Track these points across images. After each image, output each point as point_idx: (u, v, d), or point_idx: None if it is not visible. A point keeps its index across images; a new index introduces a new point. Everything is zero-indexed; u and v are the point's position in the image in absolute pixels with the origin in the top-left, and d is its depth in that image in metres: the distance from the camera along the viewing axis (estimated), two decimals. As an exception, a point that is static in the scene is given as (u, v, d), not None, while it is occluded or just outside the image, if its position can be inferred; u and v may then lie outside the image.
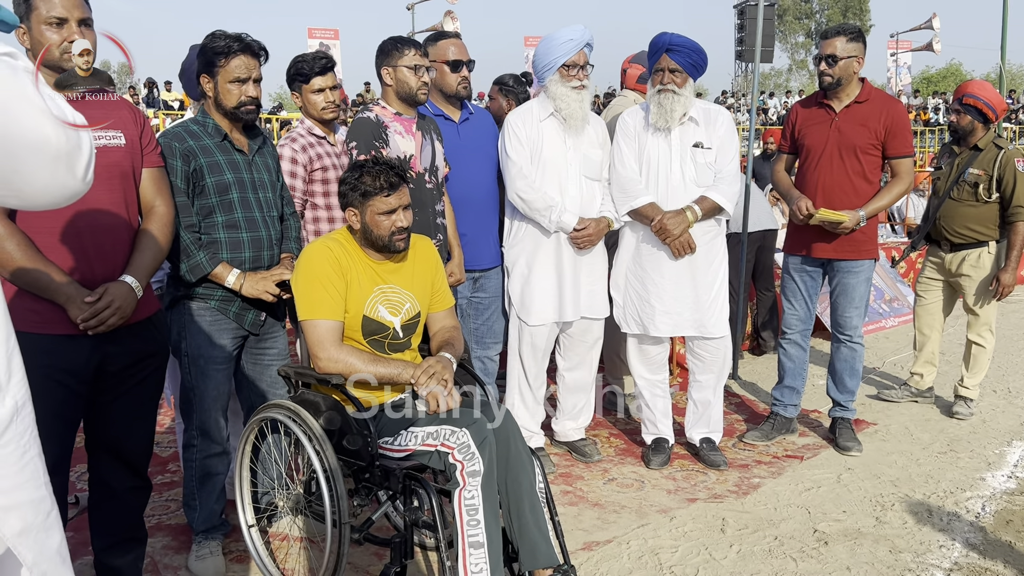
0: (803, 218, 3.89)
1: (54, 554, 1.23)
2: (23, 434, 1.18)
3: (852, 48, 3.83)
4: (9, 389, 1.17)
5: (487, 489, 2.39)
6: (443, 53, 3.63)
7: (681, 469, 3.88)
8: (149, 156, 2.56)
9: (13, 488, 1.16)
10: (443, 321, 2.94)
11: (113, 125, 2.44)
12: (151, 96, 21.30)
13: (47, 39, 2.26)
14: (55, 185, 1.10)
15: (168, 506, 3.45)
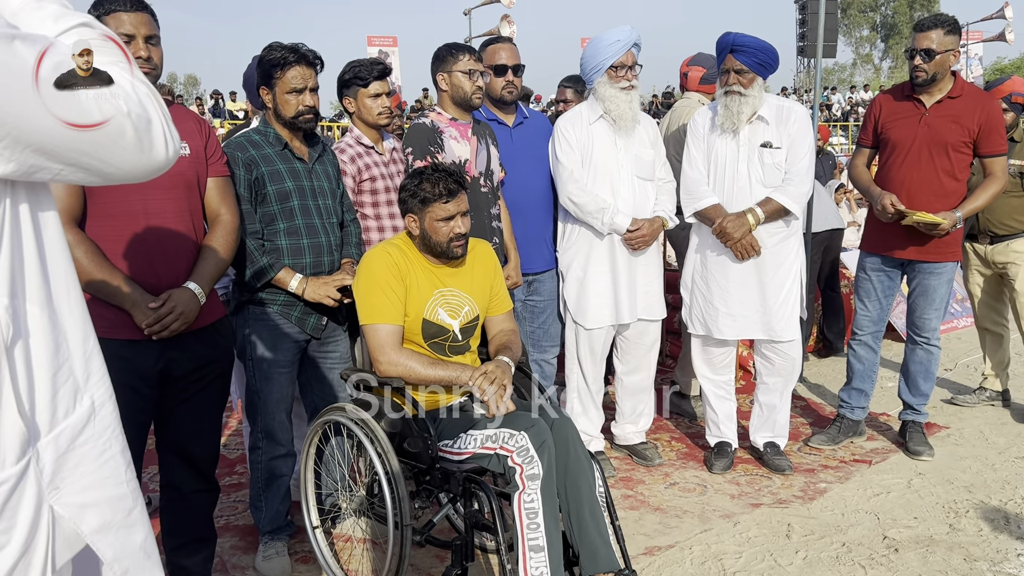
0: (891, 215, 3.76)
1: (137, 550, 1.25)
2: (102, 433, 1.20)
3: (949, 41, 3.68)
4: (87, 388, 1.19)
5: (547, 493, 2.39)
6: (491, 58, 3.66)
7: (745, 474, 3.81)
8: (214, 166, 2.63)
9: (91, 486, 1.18)
10: (501, 324, 2.95)
11: (179, 136, 2.51)
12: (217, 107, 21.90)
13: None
14: (142, 162, 1.13)
15: (236, 507, 3.53)
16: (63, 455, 1.14)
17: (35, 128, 1.01)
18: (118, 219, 2.37)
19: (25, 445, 1.09)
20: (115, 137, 1.08)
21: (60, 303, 1.16)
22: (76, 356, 1.18)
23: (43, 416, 1.12)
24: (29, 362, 1.11)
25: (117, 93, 1.08)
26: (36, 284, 1.12)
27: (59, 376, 1.14)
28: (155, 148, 1.14)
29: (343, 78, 3.36)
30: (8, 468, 1.07)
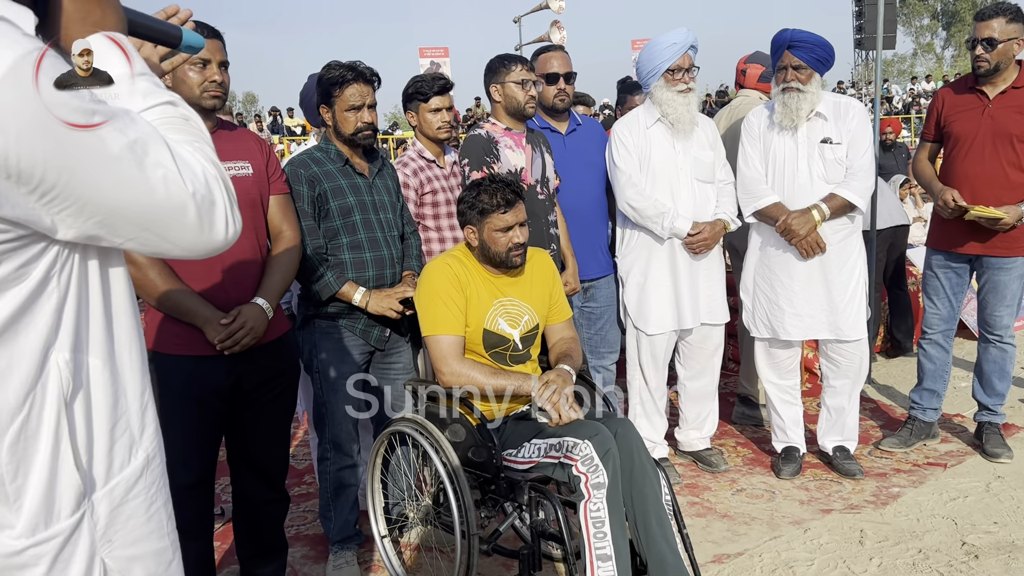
0: (952, 211, 3.66)
1: None
2: (151, 486, 1.22)
3: (1012, 30, 3.57)
4: (142, 442, 1.21)
5: (612, 501, 2.38)
6: (542, 66, 3.68)
7: (814, 479, 3.73)
8: (275, 184, 2.70)
9: (139, 539, 1.20)
10: (561, 332, 2.95)
11: (241, 156, 2.59)
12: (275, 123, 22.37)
13: (190, 79, 2.43)
14: (197, 241, 1.14)
15: (305, 517, 3.59)
16: (116, 508, 1.16)
17: (104, 201, 1.02)
18: None
19: (80, 498, 1.11)
20: (177, 214, 1.09)
21: (122, 357, 1.18)
22: (133, 410, 1.20)
23: (100, 469, 1.14)
24: (89, 415, 1.12)
25: (193, 167, 1.11)
26: (100, 338, 1.14)
27: (117, 429, 1.16)
28: (215, 229, 1.14)
29: (406, 93, 3.45)
30: (63, 520, 1.09)
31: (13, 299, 1.02)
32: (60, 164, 0.97)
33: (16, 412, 1.04)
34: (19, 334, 1.04)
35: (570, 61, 3.74)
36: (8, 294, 1.02)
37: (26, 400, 1.04)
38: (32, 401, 1.05)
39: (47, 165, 0.96)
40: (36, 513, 1.06)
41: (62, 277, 1.07)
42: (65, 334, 1.08)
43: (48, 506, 1.07)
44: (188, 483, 2.48)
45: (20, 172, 0.94)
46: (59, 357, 1.07)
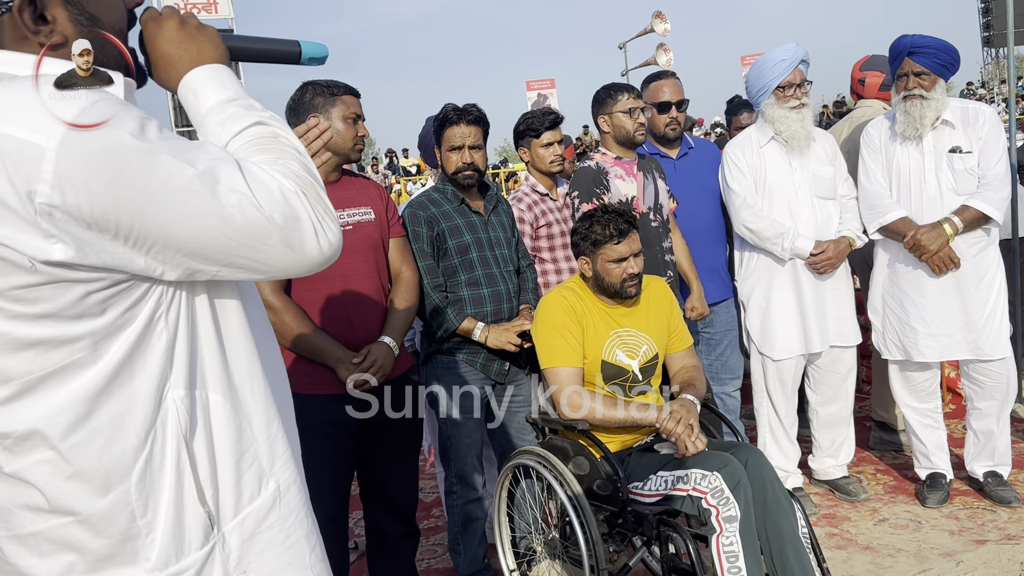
0: None
1: None
2: (288, 516, 1.22)
3: None
4: (272, 473, 1.22)
5: (746, 534, 2.31)
6: (653, 94, 3.68)
7: (964, 507, 3.49)
8: (394, 227, 2.83)
9: (277, 570, 1.20)
10: (683, 361, 2.90)
11: (364, 202, 2.72)
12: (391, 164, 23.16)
13: (346, 132, 2.64)
14: (291, 260, 1.12)
15: (435, 550, 3.65)
16: (249, 539, 1.17)
17: (182, 235, 1.04)
18: (320, 283, 2.58)
19: (208, 530, 1.13)
20: (261, 238, 1.08)
21: (243, 390, 1.19)
22: (260, 441, 1.21)
23: (228, 501, 1.16)
24: (212, 449, 1.14)
25: (269, 187, 1.09)
26: (217, 373, 1.16)
27: (243, 462, 1.18)
28: (306, 245, 1.11)
29: (517, 130, 3.54)
30: (193, 553, 1.11)
31: (123, 344, 1.06)
32: (131, 208, 0.99)
33: (139, 450, 1.08)
34: (134, 376, 1.07)
35: (682, 88, 3.72)
36: (118, 340, 1.05)
37: (147, 438, 1.08)
38: (153, 439, 1.09)
39: (119, 210, 0.99)
40: (167, 547, 1.09)
41: (169, 317, 1.10)
42: (179, 372, 1.11)
43: (178, 539, 1.10)
44: (324, 518, 2.56)
45: (95, 220, 0.98)
46: (175, 395, 1.10)
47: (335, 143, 2.60)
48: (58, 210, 0.95)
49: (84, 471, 1.04)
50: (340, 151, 2.64)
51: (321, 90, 2.67)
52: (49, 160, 0.94)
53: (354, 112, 2.67)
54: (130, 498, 1.07)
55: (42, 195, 0.95)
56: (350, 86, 2.70)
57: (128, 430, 1.06)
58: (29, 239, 0.96)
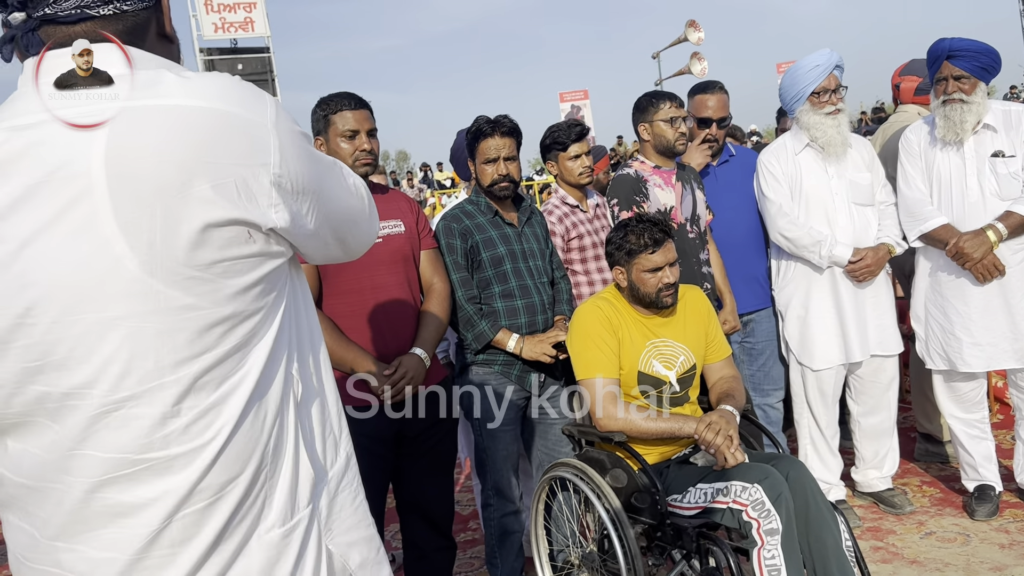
0: None
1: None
2: (353, 480, 1.34)
3: None
4: (342, 442, 1.34)
5: (788, 548, 2.26)
6: (698, 108, 3.67)
7: (1014, 520, 3.39)
8: (425, 239, 2.83)
9: (352, 527, 1.31)
10: (721, 371, 2.86)
11: (394, 215, 2.73)
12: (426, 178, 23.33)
13: (342, 150, 2.60)
14: (370, 235, 1.40)
15: (472, 563, 3.64)
16: (332, 500, 1.28)
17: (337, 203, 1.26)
18: (350, 296, 2.60)
19: (313, 489, 1.23)
20: (364, 213, 1.35)
21: (322, 368, 1.31)
22: (333, 413, 1.33)
23: (318, 465, 1.26)
24: (310, 419, 1.26)
25: (356, 179, 1.36)
26: (308, 351, 1.28)
27: (325, 430, 1.29)
28: (374, 223, 1.41)
29: (544, 143, 3.49)
30: (301, 510, 1.21)
31: (277, 318, 1.18)
32: (319, 180, 1.20)
33: (275, 418, 1.18)
34: (278, 351, 1.18)
35: (727, 103, 3.69)
36: (276, 315, 1.17)
37: (280, 406, 1.19)
38: (282, 407, 1.19)
39: (312, 180, 1.18)
40: (285, 504, 1.19)
41: (287, 298, 1.22)
42: (295, 348, 1.23)
43: (292, 497, 1.20)
44: None
45: (303, 188, 1.16)
46: (294, 368, 1.22)
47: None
48: (284, 178, 1.11)
49: (246, 441, 1.13)
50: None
51: (321, 109, 2.67)
52: (273, 135, 1.10)
53: (351, 128, 2.62)
54: (266, 461, 1.16)
55: (274, 165, 1.10)
56: (351, 98, 2.65)
57: (270, 400, 1.17)
58: (258, 208, 1.09)
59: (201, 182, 1.03)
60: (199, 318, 1.07)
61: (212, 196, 1.04)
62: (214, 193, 1.04)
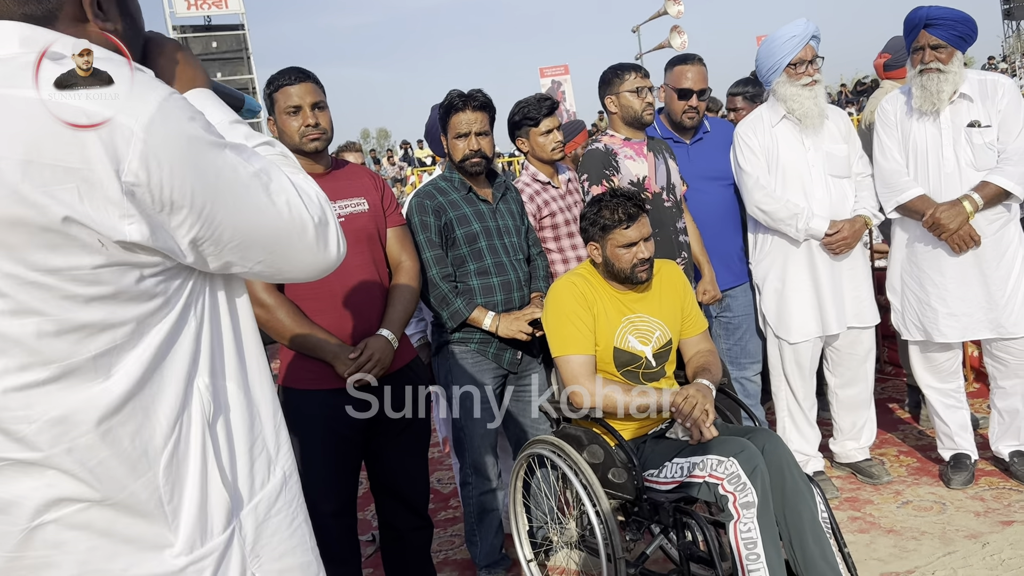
0: None
1: None
2: (291, 502, 1.28)
3: None
4: (278, 460, 1.27)
5: (764, 521, 2.27)
6: (676, 79, 3.61)
7: (990, 488, 3.43)
8: (392, 216, 2.76)
9: (285, 553, 1.25)
10: (697, 345, 2.85)
11: (356, 192, 2.66)
12: (407, 155, 23.16)
13: (289, 127, 2.54)
14: (315, 261, 1.22)
15: (452, 541, 3.63)
16: (261, 524, 1.22)
17: (240, 224, 1.12)
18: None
19: (230, 514, 1.17)
20: (299, 235, 1.17)
21: (253, 381, 1.25)
22: (268, 429, 1.26)
23: (244, 487, 1.20)
24: (230, 436, 1.19)
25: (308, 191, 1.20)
26: (233, 363, 1.21)
27: (255, 449, 1.23)
28: (329, 247, 1.22)
29: (513, 120, 3.43)
30: (216, 537, 1.15)
31: (161, 331, 1.10)
32: (204, 193, 1.06)
33: (168, 435, 1.11)
34: (167, 363, 1.11)
35: (706, 75, 3.64)
36: (157, 327, 1.09)
37: (176, 423, 1.12)
38: (181, 424, 1.12)
39: (194, 194, 1.05)
40: (192, 531, 1.12)
41: (198, 307, 1.15)
42: (204, 360, 1.16)
43: (202, 523, 1.14)
44: (331, 512, 2.56)
45: (172, 201, 1.04)
46: (200, 382, 1.15)
47: (284, 143, 2.53)
48: (141, 188, 1.01)
49: (115, 456, 1.07)
50: (292, 147, 2.51)
51: (267, 89, 2.60)
52: (138, 139, 1.00)
53: (293, 104, 2.53)
54: (158, 483, 1.10)
55: (129, 172, 1.00)
56: (291, 72, 2.57)
57: (159, 416, 1.10)
58: (107, 218, 1.00)
59: (39, 183, 0.97)
60: (44, 324, 1.01)
61: (52, 200, 0.97)
62: (53, 198, 0.97)
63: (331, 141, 2.66)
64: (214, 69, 14.99)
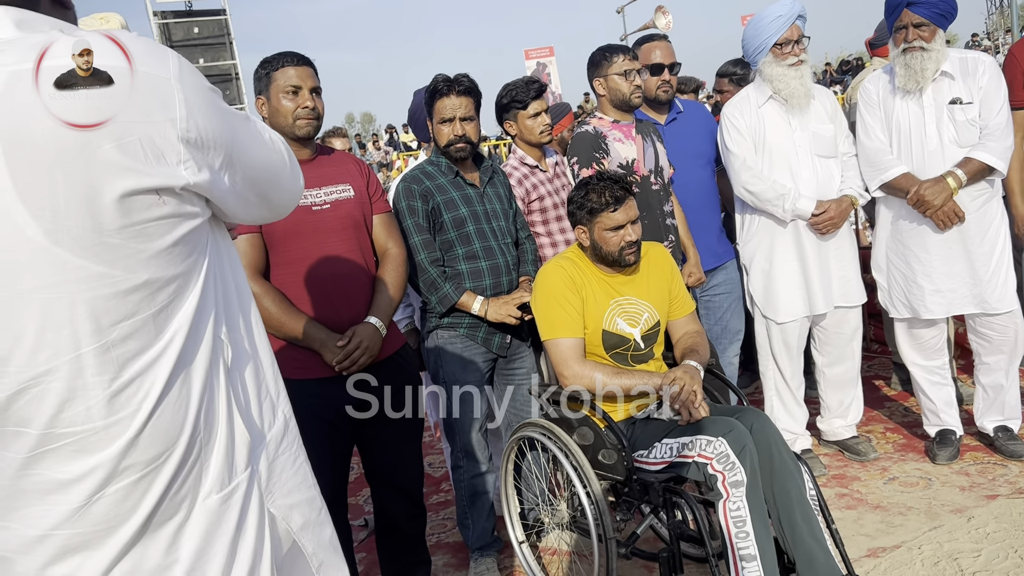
0: None
1: (327, 544, 1.39)
2: (293, 443, 1.35)
3: None
4: (280, 404, 1.35)
5: (753, 499, 2.29)
6: (646, 57, 3.61)
7: (975, 463, 3.48)
8: (377, 203, 2.74)
9: (293, 489, 1.32)
10: (685, 327, 2.87)
11: (342, 179, 2.65)
12: (392, 140, 23.04)
13: (284, 107, 2.52)
14: (293, 192, 1.38)
15: (445, 525, 3.65)
16: (272, 462, 1.29)
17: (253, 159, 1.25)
18: (297, 265, 2.52)
19: (251, 452, 1.24)
20: (284, 167, 1.33)
21: (253, 331, 1.32)
22: (269, 376, 1.33)
23: (255, 429, 1.27)
24: (244, 381, 1.27)
25: (274, 134, 1.33)
26: (236, 314, 1.28)
27: (260, 393, 1.30)
28: (298, 178, 1.38)
29: (501, 103, 3.41)
30: (240, 474, 1.22)
31: (199, 285, 1.16)
32: (228, 132, 1.16)
33: (203, 386, 1.17)
34: (202, 316, 1.17)
35: (673, 51, 3.65)
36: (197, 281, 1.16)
37: (207, 373, 1.18)
38: (210, 373, 1.19)
39: (223, 134, 1.15)
40: (222, 468, 1.19)
41: (210, 262, 1.21)
42: (220, 312, 1.22)
43: (230, 462, 1.21)
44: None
45: (213, 142, 1.13)
46: (219, 331, 1.21)
47: (277, 122, 2.52)
48: (192, 133, 1.09)
49: (177, 410, 1.13)
50: (283, 129, 2.50)
51: (263, 68, 2.57)
52: (178, 90, 1.08)
53: (293, 84, 2.51)
54: (199, 429, 1.16)
55: (181, 119, 1.07)
56: (293, 55, 2.55)
57: (198, 367, 1.16)
58: (164, 167, 1.06)
59: (103, 143, 1.00)
60: (113, 286, 1.04)
61: (117, 157, 1.01)
62: (119, 153, 1.01)
63: (320, 129, 2.65)
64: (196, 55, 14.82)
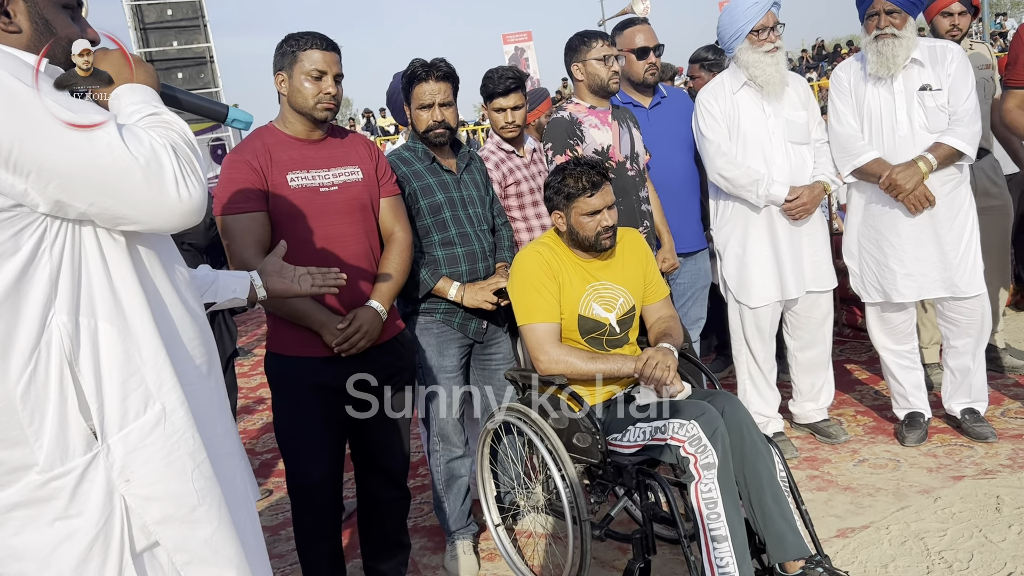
0: None
1: (201, 545, 1.41)
2: (172, 435, 1.38)
3: None
4: (158, 396, 1.37)
5: (724, 481, 2.33)
6: (629, 41, 3.61)
7: (942, 444, 3.55)
8: (386, 186, 2.73)
9: (156, 481, 1.36)
10: (659, 311, 2.90)
11: (351, 161, 2.63)
12: (369, 124, 22.89)
13: (305, 90, 2.50)
14: (153, 204, 1.30)
15: (422, 508, 3.67)
16: (133, 451, 1.33)
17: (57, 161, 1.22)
18: (304, 245, 2.50)
19: (90, 440, 1.30)
20: (123, 176, 1.26)
21: (132, 320, 1.35)
22: (148, 366, 1.36)
23: (113, 416, 1.32)
24: (99, 370, 1.31)
25: (140, 137, 1.29)
26: (106, 303, 1.32)
27: (129, 383, 1.34)
28: (166, 190, 1.30)
29: (483, 88, 3.42)
30: (76, 458, 1.29)
31: (11, 269, 1.22)
32: (12, 133, 1.17)
33: (23, 367, 1.25)
34: (19, 302, 1.24)
35: (655, 34, 3.66)
36: (6, 265, 1.22)
37: (31, 357, 1.25)
38: (37, 357, 1.26)
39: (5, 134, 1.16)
40: (52, 452, 1.27)
41: (54, 251, 1.26)
42: (62, 300, 1.27)
43: (62, 446, 1.28)
44: (318, 480, 2.58)
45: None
46: (58, 320, 1.27)
47: (296, 101, 2.52)
48: None
49: None
50: (301, 110, 2.52)
51: (288, 45, 2.54)
52: None
53: (319, 69, 2.50)
54: (16, 408, 1.24)
55: None
56: (322, 39, 2.54)
57: (13, 349, 1.24)
58: None
59: None
60: None
61: None
62: None
63: (336, 115, 2.64)
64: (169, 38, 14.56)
